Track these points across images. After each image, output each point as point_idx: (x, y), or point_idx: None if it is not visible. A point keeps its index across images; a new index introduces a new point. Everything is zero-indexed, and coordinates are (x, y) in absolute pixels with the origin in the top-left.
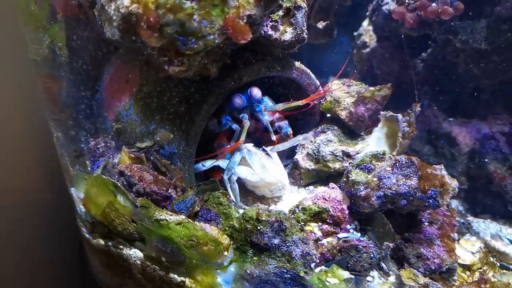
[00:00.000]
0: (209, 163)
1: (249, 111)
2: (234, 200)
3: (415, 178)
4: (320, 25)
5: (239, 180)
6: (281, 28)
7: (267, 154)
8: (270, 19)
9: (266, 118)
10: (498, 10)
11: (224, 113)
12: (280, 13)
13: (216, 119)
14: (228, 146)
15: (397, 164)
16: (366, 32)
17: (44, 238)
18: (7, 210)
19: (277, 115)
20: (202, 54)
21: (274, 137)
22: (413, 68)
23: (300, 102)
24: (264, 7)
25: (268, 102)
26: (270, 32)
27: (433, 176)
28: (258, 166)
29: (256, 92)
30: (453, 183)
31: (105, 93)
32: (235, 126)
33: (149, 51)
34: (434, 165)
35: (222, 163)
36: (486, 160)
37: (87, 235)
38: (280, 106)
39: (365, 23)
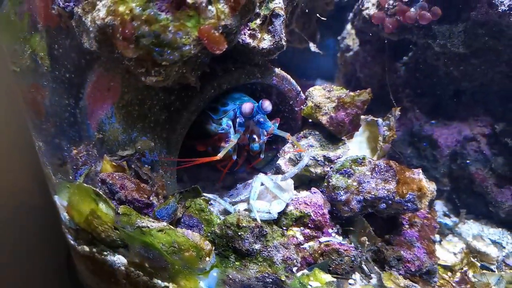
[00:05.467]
0: (239, 206)
1: (250, 123)
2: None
3: (393, 182)
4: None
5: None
6: (259, 36)
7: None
8: (248, 28)
9: (264, 138)
10: (474, 15)
11: (226, 114)
12: (258, 21)
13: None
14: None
15: (376, 169)
16: (350, 35)
17: (34, 240)
18: None
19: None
20: (179, 64)
21: (263, 155)
22: (395, 71)
23: (287, 136)
24: (240, 17)
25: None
26: (248, 40)
27: (411, 180)
28: (277, 206)
29: (267, 105)
30: (431, 187)
31: (87, 101)
32: (233, 136)
33: (126, 62)
34: (412, 169)
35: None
36: (468, 161)
37: (72, 242)
38: (272, 129)
39: (349, 26)
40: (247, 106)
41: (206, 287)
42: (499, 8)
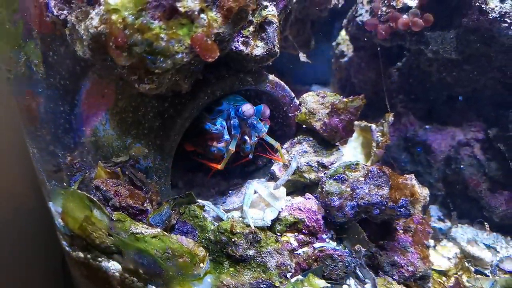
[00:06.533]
0: (232, 214)
1: (243, 124)
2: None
3: (386, 188)
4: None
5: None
6: (252, 43)
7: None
8: (241, 35)
9: (255, 139)
10: (465, 22)
11: (220, 114)
12: (251, 28)
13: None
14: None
15: (369, 175)
16: (344, 41)
17: (33, 242)
18: None
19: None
20: (172, 71)
21: (251, 156)
22: (389, 77)
23: (276, 146)
24: (233, 25)
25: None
26: (241, 47)
27: (404, 186)
28: (270, 214)
29: (265, 109)
30: (424, 192)
31: (82, 108)
32: (227, 138)
33: (119, 70)
34: (405, 175)
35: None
36: (462, 166)
37: (67, 248)
38: (265, 134)
39: (343, 32)
40: (249, 107)
41: None
42: (490, 15)
